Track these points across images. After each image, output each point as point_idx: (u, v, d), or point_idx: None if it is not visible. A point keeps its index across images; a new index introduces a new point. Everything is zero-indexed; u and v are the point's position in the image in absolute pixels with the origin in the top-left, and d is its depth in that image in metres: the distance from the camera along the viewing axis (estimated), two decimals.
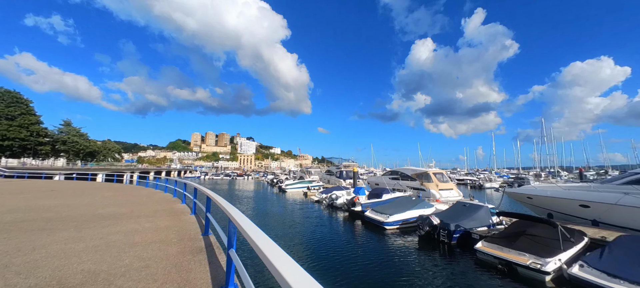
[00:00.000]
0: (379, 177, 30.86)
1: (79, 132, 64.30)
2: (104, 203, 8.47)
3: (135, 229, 5.14)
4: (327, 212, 19.73)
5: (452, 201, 18.90)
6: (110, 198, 9.94)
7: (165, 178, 12.63)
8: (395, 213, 13.36)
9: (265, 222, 16.84)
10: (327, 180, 42.50)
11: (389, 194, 18.08)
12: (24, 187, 14.20)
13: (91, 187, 15.47)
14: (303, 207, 21.98)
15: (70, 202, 8.54)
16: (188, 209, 7.64)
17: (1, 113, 40.84)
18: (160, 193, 12.10)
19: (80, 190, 12.62)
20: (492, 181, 44.39)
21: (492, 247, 8.73)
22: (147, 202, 8.90)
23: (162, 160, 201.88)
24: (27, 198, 9.42)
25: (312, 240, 12.65)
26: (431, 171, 23.22)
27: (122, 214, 6.66)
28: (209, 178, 78.27)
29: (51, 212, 6.73)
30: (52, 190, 12.40)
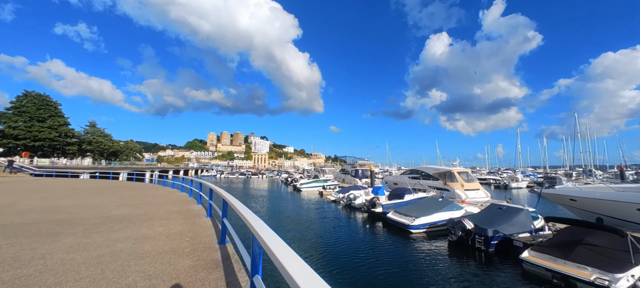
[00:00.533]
0: (398, 176, 29.63)
1: (103, 132, 67.38)
2: (120, 204, 8.18)
3: (146, 235, 4.63)
4: (344, 212, 18.95)
5: (480, 202, 17.54)
6: (127, 198, 9.72)
7: (182, 177, 12.36)
8: (421, 215, 12.35)
9: (281, 223, 16.33)
10: (342, 179, 41.65)
11: (412, 195, 17.00)
12: (48, 186, 14.49)
13: (111, 186, 15.60)
14: (319, 207, 21.32)
15: (86, 202, 8.33)
16: (203, 211, 7.15)
17: (33, 115, 43.25)
18: (176, 192, 11.84)
19: (99, 190, 12.62)
20: (518, 181, 41.66)
21: (542, 257, 7.61)
22: (163, 203, 8.54)
23: (180, 159, 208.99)
24: (47, 197, 9.37)
25: (330, 243, 11.94)
26: (455, 170, 21.81)
27: (135, 216, 6.25)
28: (225, 177, 79.63)
29: (64, 213, 6.43)
30: (73, 189, 12.48)
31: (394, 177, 30.59)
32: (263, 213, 19.90)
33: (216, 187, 4.98)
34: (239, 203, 3.04)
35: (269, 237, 1.66)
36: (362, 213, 18.14)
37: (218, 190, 4.58)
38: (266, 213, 19.93)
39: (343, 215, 18.08)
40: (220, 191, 4.37)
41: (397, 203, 15.93)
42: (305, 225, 15.63)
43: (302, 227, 15.06)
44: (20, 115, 42.31)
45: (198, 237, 4.62)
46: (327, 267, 9.15)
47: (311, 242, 12.20)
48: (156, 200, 9.08)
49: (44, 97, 46.41)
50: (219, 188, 4.66)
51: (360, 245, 11.59)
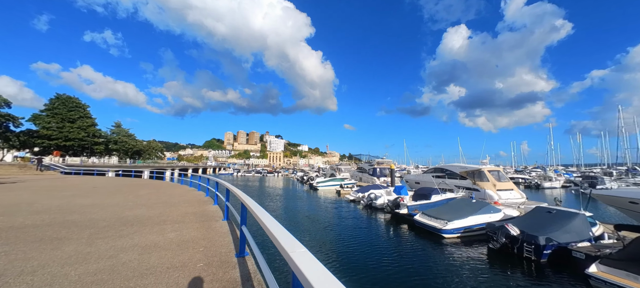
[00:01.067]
0: (419, 174, 28.10)
1: (128, 132, 70.55)
2: (135, 203, 7.81)
3: (155, 243, 4.03)
4: (365, 213, 17.99)
5: (515, 204, 15.92)
6: (144, 197, 9.41)
7: (199, 176, 12.02)
8: (454, 218, 11.17)
9: (299, 223, 15.67)
10: (359, 178, 40.50)
11: (439, 195, 15.72)
12: (72, 183, 14.75)
13: (132, 184, 15.66)
14: (337, 207, 20.48)
15: (103, 201, 8.04)
16: (220, 212, 6.57)
17: (64, 116, 45.78)
18: (193, 191, 11.49)
19: (119, 188, 12.56)
20: (552, 180, 38.42)
21: (616, 273, 6.32)
22: (179, 203, 8.09)
23: (199, 158, 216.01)
24: (66, 196, 9.25)
25: (353, 246, 11.08)
26: (485, 168, 20.11)
27: (148, 218, 5.74)
28: (241, 175, 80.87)
29: (77, 214, 6.06)
30: (94, 187, 12.51)
31: (416, 175, 29.08)
32: (280, 212, 19.39)
33: (234, 187, 4.31)
34: (263, 213, 2.30)
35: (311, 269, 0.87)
36: (384, 214, 17.09)
37: (236, 192, 3.88)
38: (283, 212, 19.41)
39: (363, 216, 17.14)
40: (238, 193, 3.67)
41: (423, 204, 14.75)
42: (324, 225, 14.87)
43: (321, 228, 14.31)
44: (53, 116, 44.92)
45: (213, 246, 3.95)
46: (352, 273, 8.32)
47: (331, 244, 11.41)
48: (172, 200, 8.67)
49: (74, 100, 49.00)
50: (237, 190, 3.96)
51: (385, 250, 10.64)
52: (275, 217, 12.71)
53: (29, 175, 22.17)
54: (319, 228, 14.37)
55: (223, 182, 6.23)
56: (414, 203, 14.60)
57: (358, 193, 22.08)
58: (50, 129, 43.53)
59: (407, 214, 14.28)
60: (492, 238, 9.33)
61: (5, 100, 36.97)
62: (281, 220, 16.52)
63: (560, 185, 37.66)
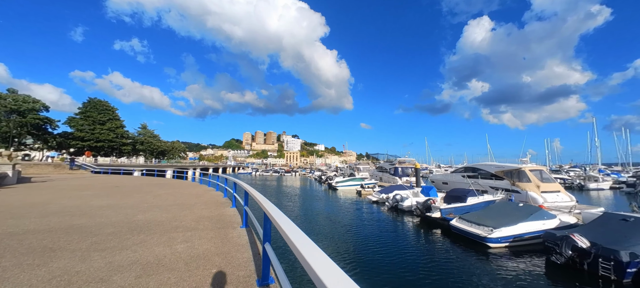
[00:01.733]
0: (447, 174, 26.17)
1: (153, 133, 73.75)
2: (151, 205, 7.30)
3: (159, 258, 3.28)
4: (390, 215, 16.72)
5: (564, 208, 13.92)
6: (161, 197, 8.97)
7: (217, 176, 11.49)
8: (501, 225, 9.69)
9: (320, 225, 14.76)
10: (379, 178, 38.92)
11: (476, 197, 14.11)
12: (96, 183, 14.92)
13: (153, 183, 15.61)
14: (360, 208, 19.35)
15: (119, 202, 7.62)
16: (238, 217, 5.81)
17: (95, 119, 48.46)
18: (211, 191, 10.97)
19: (139, 187, 12.38)
20: (599, 180, 34.47)
21: None
22: (195, 205, 7.48)
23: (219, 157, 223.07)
24: (85, 196, 9.01)
25: (380, 254, 9.98)
26: (527, 167, 18.02)
27: (158, 224, 5.09)
28: (260, 174, 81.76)
29: (86, 217, 5.57)
30: (116, 187, 12.43)
31: (443, 175, 27.13)
32: (298, 213, 18.63)
33: (254, 191, 3.48)
34: (294, 230, 1.42)
35: None
36: (412, 217, 15.75)
37: (257, 197, 3.02)
38: (302, 213, 18.62)
39: (389, 219, 15.89)
40: (260, 199, 2.81)
41: (459, 207, 13.27)
42: (346, 229, 13.85)
43: (343, 232, 13.31)
44: (86, 119, 47.69)
45: (229, 265, 3.12)
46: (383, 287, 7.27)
47: (357, 251, 10.38)
48: (189, 201, 8.11)
49: (104, 103, 51.77)
50: (258, 195, 3.10)
51: (419, 259, 9.44)
52: (294, 218, 11.87)
53: (62, 174, 23.24)
54: (341, 232, 13.39)
55: (241, 183, 5.45)
56: (447, 206, 13.15)
57: (381, 194, 20.79)
58: (83, 131, 46.22)
59: (440, 218, 12.89)
60: (553, 250, 7.84)
61: (44, 105, 39.63)
62: (300, 221, 15.73)
63: (608, 186, 33.69)
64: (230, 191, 7.78)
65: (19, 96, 36.23)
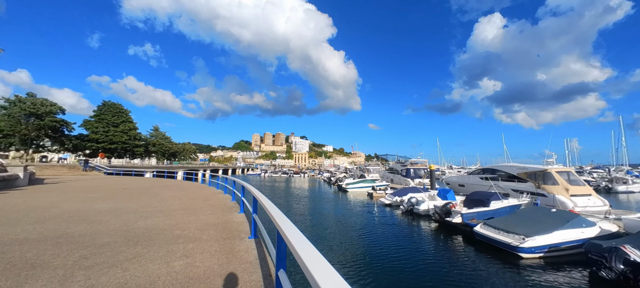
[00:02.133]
0: (463, 176, 24.98)
1: (164, 135, 75.04)
2: (155, 209, 6.87)
3: (151, 279, 2.74)
4: (405, 220, 15.87)
5: (596, 213, 12.70)
6: (167, 200, 8.57)
7: (225, 178, 11.05)
8: (534, 233, 8.76)
9: (331, 229, 14.08)
10: (391, 180, 37.88)
11: (500, 201, 13.09)
12: (105, 184, 14.80)
13: (162, 185, 15.39)
14: (372, 212, 18.56)
15: (122, 206, 7.23)
16: (246, 225, 5.27)
17: (109, 121, 49.54)
18: (219, 194, 10.53)
19: (147, 190, 12.10)
20: (628, 183, 32.24)
21: None
22: (201, 209, 7.00)
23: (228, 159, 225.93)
24: (90, 199, 8.72)
25: (397, 263, 9.23)
26: (553, 169, 16.79)
27: (159, 232, 4.60)
28: (268, 175, 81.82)
29: (83, 224, 5.14)
30: (124, 189, 12.20)
31: (458, 177, 25.93)
32: (308, 216, 18.03)
33: (264, 199, 2.91)
34: (315, 258, 0.82)
35: None
36: (428, 222, 14.87)
37: (267, 207, 2.44)
38: (311, 216, 17.99)
39: (404, 224, 15.06)
40: (270, 210, 2.22)
41: (482, 212, 12.31)
42: (358, 233, 13.13)
43: (355, 236, 12.60)
44: (100, 121, 48.81)
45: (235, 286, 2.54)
46: None
47: (371, 259, 9.67)
48: (195, 205, 7.65)
49: (117, 105, 52.90)
50: (269, 204, 2.52)
51: (440, 270, 8.64)
52: (304, 222, 11.18)
53: (75, 175, 23.56)
54: (354, 236, 12.69)
55: (250, 188, 4.88)
56: (469, 210, 12.23)
57: (394, 196, 19.92)
58: (98, 133, 47.31)
59: (461, 224, 11.99)
60: (600, 263, 6.90)
61: (61, 108, 40.76)
62: (310, 225, 15.12)
63: (639, 189, 31.43)
64: (238, 195, 7.28)
65: (38, 100, 37.38)
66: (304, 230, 14.90)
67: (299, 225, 11.22)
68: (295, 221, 14.16)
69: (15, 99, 35.43)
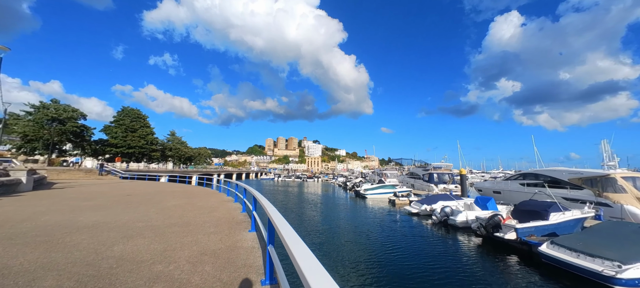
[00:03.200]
0: (499, 182, 22.39)
1: (180, 140, 76.34)
2: (145, 225, 5.54)
3: None
4: (439, 233, 13.83)
5: None
6: (168, 211, 7.29)
7: (236, 184, 9.67)
8: (635, 258, 6.63)
9: (354, 243, 12.30)
10: (411, 185, 35.47)
11: (561, 213, 10.81)
12: (111, 190, 13.93)
13: (169, 191, 14.37)
14: (397, 222, 16.58)
15: (109, 220, 5.97)
16: (257, 250, 3.75)
17: (128, 127, 50.57)
18: (229, 203, 9.17)
19: (152, 196, 10.98)
20: None
21: None
22: (203, 225, 5.59)
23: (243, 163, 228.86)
24: (82, 208, 7.59)
25: None
26: (618, 174, 14.16)
27: (134, 266, 3.17)
28: (282, 180, 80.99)
29: (40, 248, 3.82)
30: (127, 195, 11.17)
31: (492, 183, 23.32)
32: (327, 227, 16.33)
33: (280, 218, 1.37)
34: None
35: None
36: (466, 235, 12.78)
37: (282, 233, 0.88)
38: (330, 226, 16.28)
39: (437, 237, 13.04)
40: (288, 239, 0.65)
41: (540, 227, 10.14)
42: (384, 248, 11.29)
43: (381, 252, 10.76)
44: (119, 127, 49.91)
45: None
46: None
47: (405, 282, 7.86)
48: (198, 218, 6.27)
49: (136, 111, 54.05)
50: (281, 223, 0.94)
51: None
52: (321, 234, 9.19)
53: (90, 179, 23.33)
54: (380, 252, 10.87)
55: (264, 201, 3.35)
56: (525, 225, 10.09)
57: (422, 204, 17.85)
58: (117, 138, 48.30)
59: (516, 241, 9.88)
60: None
61: (82, 114, 41.84)
62: (329, 236, 13.45)
63: None
64: (249, 207, 5.84)
65: (60, 106, 38.48)
66: (322, 244, 13.31)
67: (314, 236, 9.38)
68: (310, 231, 12.40)
69: (40, 104, 36.58)
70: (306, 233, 14.01)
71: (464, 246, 11.56)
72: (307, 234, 13.86)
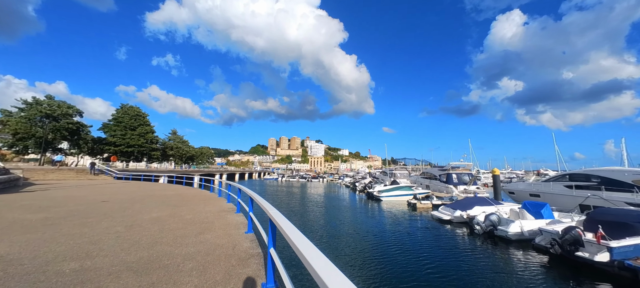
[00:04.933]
0: (539, 184, 19.78)
1: (182, 139, 74.44)
2: (81, 268, 3.20)
3: None
4: (486, 245, 11.36)
5: None
6: (139, 230, 4.98)
7: (238, 189, 7.23)
8: None
9: (390, 257, 9.84)
10: (426, 186, 32.92)
11: None
12: (88, 194, 11.68)
13: (158, 195, 12.12)
14: (430, 230, 14.07)
15: (28, 250, 3.65)
16: None
17: (127, 125, 48.62)
18: (230, 215, 6.84)
19: (129, 204, 8.70)
20: None
21: None
22: (180, 266, 3.24)
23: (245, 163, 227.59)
24: (21, 224, 5.28)
25: None
26: None
27: None
28: (286, 180, 78.75)
29: None
30: (103, 202, 8.91)
31: (528, 185, 20.71)
32: (345, 237, 13.91)
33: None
34: None
35: None
36: (523, 250, 10.31)
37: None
38: (352, 236, 13.86)
39: (488, 254, 10.55)
40: None
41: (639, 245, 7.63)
42: (425, 265, 8.85)
43: (423, 270, 8.33)
44: (118, 125, 47.99)
45: None
46: None
47: None
48: (175, 252, 3.93)
49: (135, 109, 52.10)
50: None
51: None
52: (346, 244, 5.78)
53: (78, 180, 21.22)
54: (423, 269, 8.44)
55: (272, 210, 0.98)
56: (623, 243, 7.61)
57: (454, 210, 15.37)
58: (115, 136, 46.39)
59: (612, 264, 7.39)
60: None
61: (78, 110, 39.94)
62: (357, 250, 11.03)
63: None
64: (259, 229, 3.47)
65: (54, 102, 36.57)
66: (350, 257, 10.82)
67: (337, 248, 5.74)
68: (330, 241, 9.37)
69: (33, 100, 34.68)
70: (326, 245, 11.60)
71: (531, 267, 9.02)
72: (327, 246, 11.45)
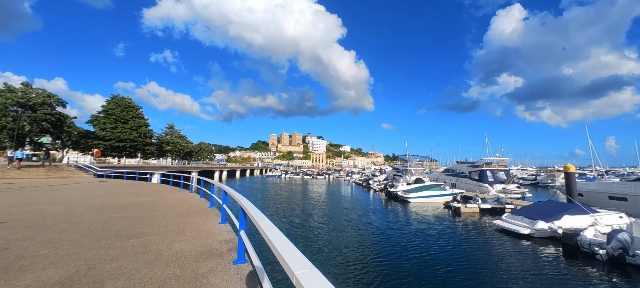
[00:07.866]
0: (622, 184, 15.74)
1: (179, 134, 70.44)
2: None
3: None
4: (611, 276, 7.39)
5: None
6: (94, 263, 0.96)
7: (237, 187, 2.93)
8: None
9: None
10: (451, 184, 28.98)
11: None
12: (37, 196, 7.69)
13: (117, 206, 8.18)
14: (507, 249, 10.06)
15: None
16: None
17: (117, 117, 44.61)
18: (221, 237, 2.83)
19: (47, 227, 4.74)
20: None
21: None
22: None
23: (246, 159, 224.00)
24: None
25: None
26: None
27: None
28: (289, 177, 74.83)
29: None
30: (2, 224, 4.94)
31: (605, 185, 16.66)
32: (387, 258, 9.95)
33: None
34: None
35: None
36: None
37: None
38: (400, 254, 9.87)
39: None
40: None
41: None
42: None
43: None
44: (108, 117, 44.00)
45: None
46: None
47: None
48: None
49: (127, 100, 48.06)
50: None
51: None
52: (403, 269, 1.78)
53: (53, 178, 17.29)
54: None
55: None
56: None
57: (534, 221, 11.37)
58: (105, 130, 42.46)
59: None
60: None
61: (61, 100, 35.99)
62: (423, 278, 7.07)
63: None
64: None
65: (32, 89, 32.61)
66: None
67: None
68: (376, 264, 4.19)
69: (5, 87, 30.64)
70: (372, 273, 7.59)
71: None
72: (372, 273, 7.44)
